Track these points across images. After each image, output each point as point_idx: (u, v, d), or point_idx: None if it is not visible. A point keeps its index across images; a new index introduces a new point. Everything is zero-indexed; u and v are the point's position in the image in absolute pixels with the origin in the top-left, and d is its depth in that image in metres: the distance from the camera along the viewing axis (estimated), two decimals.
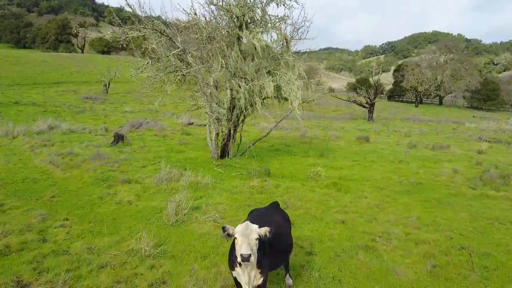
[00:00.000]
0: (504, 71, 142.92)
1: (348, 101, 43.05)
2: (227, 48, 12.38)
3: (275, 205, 5.56)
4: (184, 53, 12.25)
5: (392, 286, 5.51)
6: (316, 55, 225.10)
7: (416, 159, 15.75)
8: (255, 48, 11.42)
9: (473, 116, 52.58)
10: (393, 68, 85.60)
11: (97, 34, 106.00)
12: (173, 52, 11.99)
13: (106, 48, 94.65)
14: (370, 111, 41.13)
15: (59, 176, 10.53)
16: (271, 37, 12.24)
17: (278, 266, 5.06)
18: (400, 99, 71.83)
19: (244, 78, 12.35)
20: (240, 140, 14.10)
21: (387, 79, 79.87)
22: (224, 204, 8.60)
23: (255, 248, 4.13)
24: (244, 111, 12.40)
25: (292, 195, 9.49)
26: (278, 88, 12.27)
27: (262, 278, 4.42)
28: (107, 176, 10.44)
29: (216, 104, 11.80)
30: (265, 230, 4.25)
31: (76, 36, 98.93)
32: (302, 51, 13.92)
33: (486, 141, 24.40)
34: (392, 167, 13.77)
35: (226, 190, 9.70)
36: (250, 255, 3.96)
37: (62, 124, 18.79)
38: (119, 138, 15.58)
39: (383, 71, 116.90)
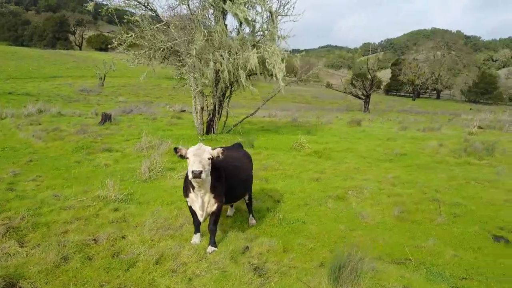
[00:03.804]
0: (503, 67, 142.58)
1: (344, 92, 43.02)
2: (213, 19, 12.34)
3: (237, 145, 5.55)
4: (168, 27, 12.21)
5: (356, 226, 5.48)
6: (315, 53, 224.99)
7: (405, 138, 15.68)
8: (238, 19, 11.35)
9: (470, 109, 52.45)
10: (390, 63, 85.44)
11: (94, 31, 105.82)
12: (157, 25, 11.93)
13: (104, 45, 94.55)
14: (366, 103, 41.09)
15: (40, 146, 10.51)
16: (256, 10, 12.18)
17: (237, 198, 5.04)
18: (397, 93, 71.71)
19: (229, 51, 12.31)
20: (227, 116, 14.05)
21: (385, 76, 79.78)
22: None
23: (207, 167, 4.10)
24: (229, 85, 12.34)
25: (272, 160, 9.46)
26: (263, 61, 12.21)
27: (216, 205, 4.39)
28: (88, 146, 10.40)
29: (200, 76, 11.76)
30: (217, 151, 4.23)
31: (73, 33, 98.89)
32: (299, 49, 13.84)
33: (480, 127, 24.37)
34: (379, 143, 13.71)
35: None
36: (201, 172, 3.94)
37: (52, 108, 18.74)
38: (106, 117, 15.54)
39: (381, 68, 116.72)
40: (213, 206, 4.39)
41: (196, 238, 4.59)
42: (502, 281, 4.06)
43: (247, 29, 12.83)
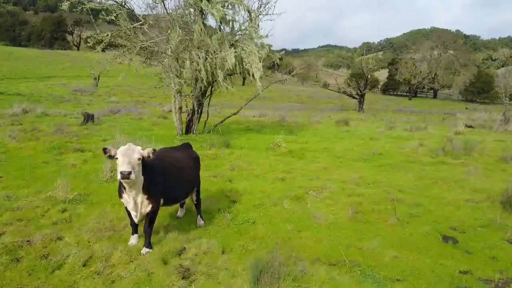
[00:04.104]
0: (503, 66, 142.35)
1: (339, 92, 42.91)
2: (191, 19, 12.28)
3: (185, 145, 5.51)
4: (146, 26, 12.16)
5: (306, 226, 5.43)
6: (315, 52, 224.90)
7: (388, 137, 15.62)
8: (215, 18, 11.30)
9: (466, 108, 52.29)
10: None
11: (93, 32, 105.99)
12: (135, 25, 11.89)
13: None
14: (360, 102, 40.97)
15: (13, 146, 10.44)
16: (234, 9, 12.13)
17: (180, 198, 4.99)
18: (394, 92, 71.56)
19: (207, 51, 12.26)
20: (207, 116, 13.99)
21: (383, 76, 79.60)
22: None
23: (137, 168, 4.06)
24: (207, 85, 12.29)
25: (243, 160, 9.40)
26: (240, 60, 12.16)
27: (150, 205, 4.34)
28: (61, 146, 10.36)
29: (176, 76, 11.70)
30: (148, 150, 4.19)
31: (71, 33, 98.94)
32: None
33: (470, 126, 24.28)
34: (360, 143, 13.65)
35: None
36: (130, 173, 3.90)
37: (37, 108, 18.68)
38: (88, 118, 15.50)
39: (381, 68, 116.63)
40: (147, 207, 4.34)
41: (133, 239, 4.55)
42: (434, 283, 4.00)
43: (228, 29, 12.77)
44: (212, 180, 7.54)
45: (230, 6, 12.58)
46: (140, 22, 11.89)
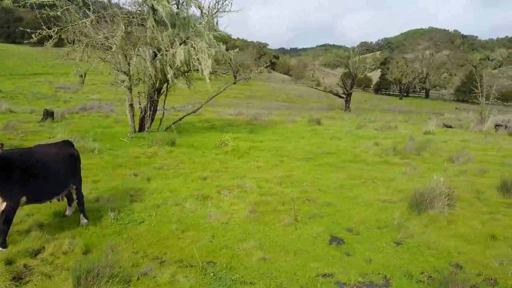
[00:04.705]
0: (499, 66, 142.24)
1: (325, 91, 42.76)
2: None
3: (64, 142, 5.35)
4: (97, 22, 12.00)
5: (193, 226, 5.27)
6: (312, 52, 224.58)
7: (352, 136, 15.47)
8: (161, 15, 11.13)
9: (456, 108, 52.16)
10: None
11: None
12: (83, 20, 11.72)
13: None
14: (347, 101, 40.78)
15: None
16: (183, 5, 11.96)
17: (46, 198, 4.83)
18: (387, 92, 71.37)
19: (158, 48, 12.10)
20: (163, 114, 13.83)
21: (377, 75, 79.32)
22: (97, 165, 8.36)
23: None
24: (155, 82, 12.12)
25: (178, 159, 9.25)
26: (190, 57, 11.99)
27: (4, 203, 4.19)
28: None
29: (124, 72, 11.55)
30: None
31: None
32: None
33: (449, 126, 24.15)
34: (317, 142, 13.49)
35: (114, 155, 9.45)
36: None
37: (3, 104, 18.54)
38: (48, 114, 15.34)
39: (378, 68, 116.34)
40: (1, 205, 4.19)
41: None
42: (284, 286, 3.85)
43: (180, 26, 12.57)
44: (130, 179, 7.39)
45: (175, 2, 12.44)
46: (90, 18, 11.70)
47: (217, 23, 13.52)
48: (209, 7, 12.82)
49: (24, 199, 4.43)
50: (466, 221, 5.67)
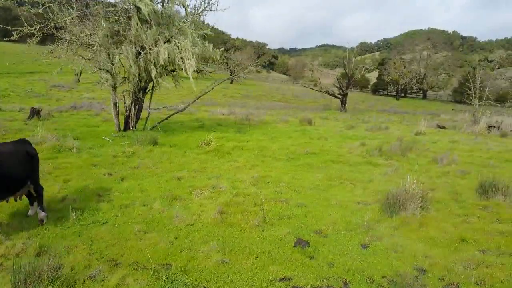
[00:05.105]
0: (498, 68, 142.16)
1: (321, 91, 42.66)
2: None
3: (20, 141, 5.23)
4: (81, 20, 11.88)
5: (157, 227, 5.15)
6: (311, 52, 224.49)
7: (340, 137, 15.34)
8: (144, 13, 11.01)
9: (452, 109, 52.06)
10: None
11: None
12: (65, 18, 11.59)
13: None
14: (343, 102, 40.69)
15: None
16: (166, 3, 11.83)
17: (2, 197, 4.71)
18: (384, 92, 71.28)
19: (142, 46, 11.99)
20: (148, 114, 13.70)
21: (375, 76, 79.09)
22: (73, 164, 8.23)
23: None
24: (139, 81, 12.00)
25: (156, 159, 9.13)
26: (174, 55, 11.86)
27: None
28: None
29: (107, 70, 11.42)
30: None
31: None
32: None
33: (442, 127, 24.07)
34: (303, 142, 13.36)
35: (92, 154, 9.32)
36: None
37: None
38: (34, 113, 15.23)
39: (377, 68, 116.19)
40: None
41: None
42: None
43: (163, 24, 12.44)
44: (103, 178, 7.26)
45: (160, 0, 12.34)
46: (71, 16, 11.57)
47: (203, 22, 13.39)
48: (194, 6, 12.67)
49: None
50: (438, 223, 5.57)
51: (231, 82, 55.62)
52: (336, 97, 41.13)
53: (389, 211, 5.84)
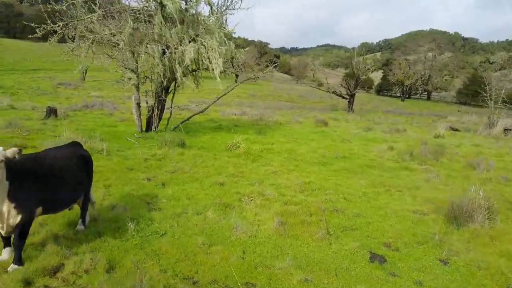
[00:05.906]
0: (500, 69, 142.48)
1: (328, 91, 42.40)
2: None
3: (73, 143, 4.94)
4: (104, 18, 11.57)
5: (220, 240, 4.87)
6: (313, 52, 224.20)
7: (362, 139, 15.08)
8: (171, 11, 10.71)
9: (458, 111, 51.91)
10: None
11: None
12: (89, 15, 11.27)
13: None
14: (350, 102, 40.41)
15: None
16: (192, 1, 11.53)
17: (62, 206, 4.41)
18: (388, 93, 71.06)
19: (167, 45, 11.68)
20: (171, 114, 13.40)
21: (379, 76, 78.86)
22: (106, 167, 7.93)
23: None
24: (163, 80, 11.70)
25: (190, 162, 8.83)
26: (201, 56, 11.57)
27: (20, 216, 3.76)
28: (4, 140, 9.75)
29: (132, 70, 11.11)
30: (12, 151, 3.61)
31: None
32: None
33: (456, 129, 23.84)
34: (328, 144, 13.09)
35: (122, 157, 9.02)
36: None
37: (4, 100, 18.06)
38: (51, 112, 14.88)
39: (379, 68, 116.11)
40: (16, 218, 3.76)
41: (4, 253, 3.98)
42: None
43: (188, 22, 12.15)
44: (143, 183, 6.97)
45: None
46: (96, 13, 11.26)
47: (226, 21, 13.08)
48: (218, 4, 12.39)
49: (40, 209, 4.02)
50: (510, 236, 5.30)
51: (254, 80, 54.96)
52: (343, 97, 40.85)
53: (455, 222, 5.58)
